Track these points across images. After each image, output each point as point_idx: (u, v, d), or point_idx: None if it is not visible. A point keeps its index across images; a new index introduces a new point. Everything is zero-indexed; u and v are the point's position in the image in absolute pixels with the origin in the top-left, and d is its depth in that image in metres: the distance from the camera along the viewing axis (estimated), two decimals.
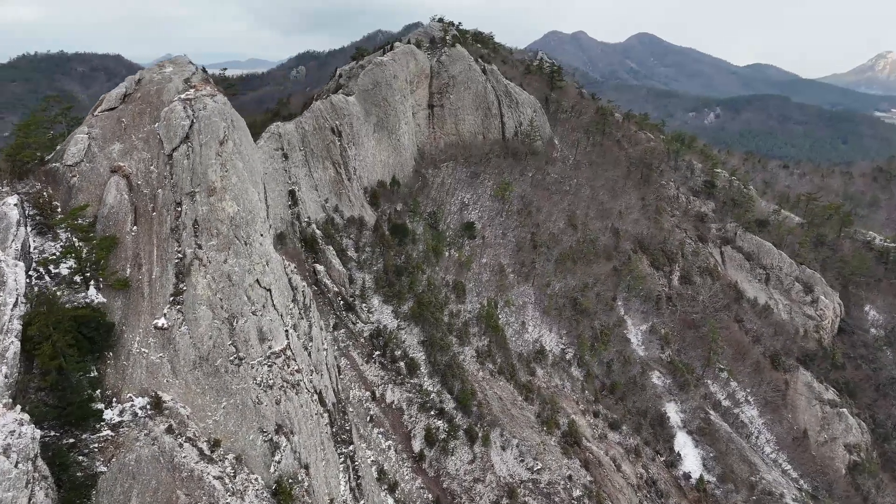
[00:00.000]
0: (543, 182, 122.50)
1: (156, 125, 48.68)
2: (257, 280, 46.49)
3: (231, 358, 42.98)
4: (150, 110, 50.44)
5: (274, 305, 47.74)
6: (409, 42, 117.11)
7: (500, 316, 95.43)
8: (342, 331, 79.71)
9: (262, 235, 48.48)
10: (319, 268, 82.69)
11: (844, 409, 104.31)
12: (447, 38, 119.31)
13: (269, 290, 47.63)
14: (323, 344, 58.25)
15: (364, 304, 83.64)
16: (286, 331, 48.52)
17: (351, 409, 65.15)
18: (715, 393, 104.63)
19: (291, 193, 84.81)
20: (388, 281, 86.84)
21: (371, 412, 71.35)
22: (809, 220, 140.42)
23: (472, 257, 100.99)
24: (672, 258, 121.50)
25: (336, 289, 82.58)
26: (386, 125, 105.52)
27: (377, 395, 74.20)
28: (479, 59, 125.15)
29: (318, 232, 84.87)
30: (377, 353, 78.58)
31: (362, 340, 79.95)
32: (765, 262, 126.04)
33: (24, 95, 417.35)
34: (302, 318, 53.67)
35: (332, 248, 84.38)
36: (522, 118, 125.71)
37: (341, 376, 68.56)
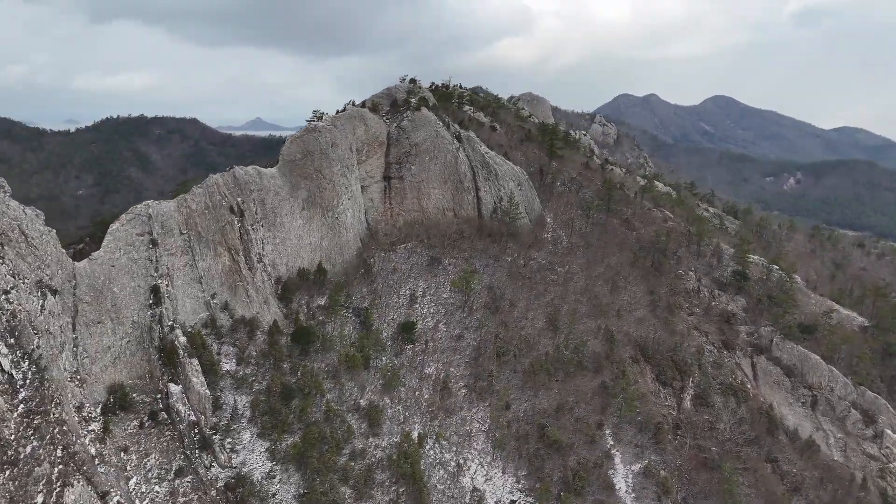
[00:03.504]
0: (524, 270, 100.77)
1: None
2: None
3: None
4: None
5: None
6: (363, 105, 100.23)
7: (428, 454, 73.03)
8: (187, 479, 59.62)
9: None
10: (174, 388, 63.71)
11: None
12: (411, 100, 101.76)
13: None
14: None
15: (228, 440, 63.63)
16: None
17: None
18: None
19: (155, 289, 66.91)
20: (271, 406, 66.74)
21: None
22: (875, 323, 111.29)
23: (399, 370, 79.62)
24: (685, 371, 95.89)
25: (193, 417, 63.12)
26: (319, 201, 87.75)
27: None
28: (455, 125, 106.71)
29: (181, 339, 66.18)
30: None
31: (213, 494, 59.46)
32: (811, 381, 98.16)
33: (102, 156, 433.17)
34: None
35: (195, 362, 65.35)
36: (503, 192, 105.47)
37: None
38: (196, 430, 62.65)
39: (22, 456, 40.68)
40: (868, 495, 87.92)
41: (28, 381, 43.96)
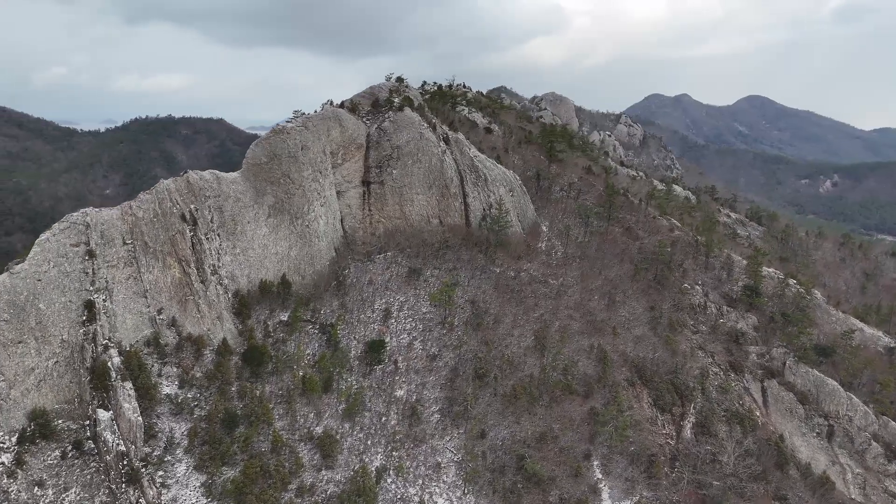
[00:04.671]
0: (513, 283, 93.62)
1: None
2: None
3: None
4: None
5: None
6: (341, 105, 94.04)
7: (389, 487, 66.50)
8: None
9: None
10: (103, 415, 58.28)
11: None
12: (394, 99, 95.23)
13: None
14: None
15: (160, 473, 57.90)
16: None
17: None
18: None
19: (89, 305, 61.60)
20: (211, 435, 60.89)
21: None
22: None
23: (365, 393, 73.23)
24: (686, 395, 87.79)
25: (122, 447, 57.55)
26: (288, 208, 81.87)
27: None
28: (443, 127, 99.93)
29: (114, 360, 60.73)
30: None
31: None
32: (827, 409, 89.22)
33: (130, 156, 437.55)
34: None
35: (128, 385, 59.87)
36: (493, 199, 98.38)
37: None
38: (125, 462, 57.07)
39: None
40: None
41: None
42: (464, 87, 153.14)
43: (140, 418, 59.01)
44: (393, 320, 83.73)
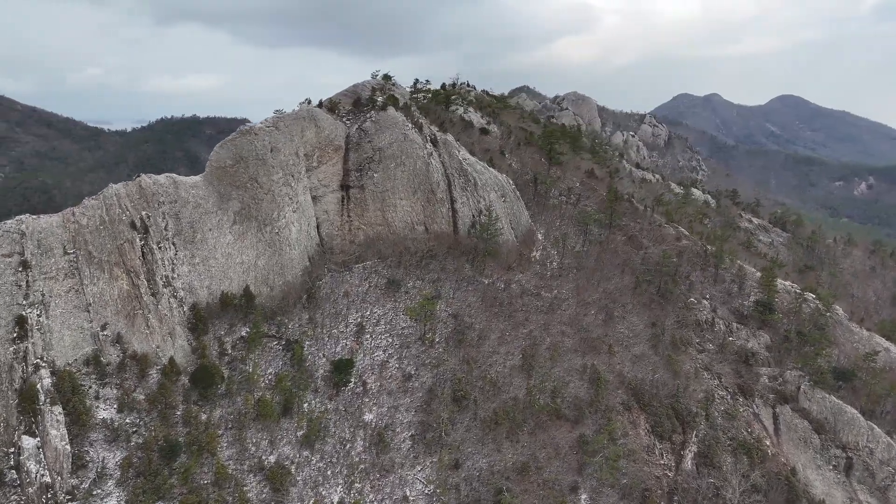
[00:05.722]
0: (502, 295, 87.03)
1: None
2: None
3: None
4: None
5: None
6: (319, 104, 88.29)
7: None
8: None
9: None
10: (28, 442, 53.54)
11: None
12: (377, 98, 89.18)
13: None
14: None
15: None
16: None
17: None
18: None
19: (20, 321, 56.78)
20: (148, 466, 55.56)
21: None
22: None
23: (328, 417, 67.34)
24: (688, 422, 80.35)
25: (47, 478, 52.59)
26: (255, 214, 76.46)
27: None
28: (432, 128, 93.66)
29: (45, 381, 55.90)
30: None
31: None
32: (845, 439, 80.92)
33: (154, 156, 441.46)
34: None
35: (57, 410, 54.95)
36: (483, 205, 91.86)
37: None
38: (49, 495, 52.13)
39: None
40: None
41: None
42: (468, 85, 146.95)
43: (68, 446, 54.05)
44: (368, 336, 77.79)
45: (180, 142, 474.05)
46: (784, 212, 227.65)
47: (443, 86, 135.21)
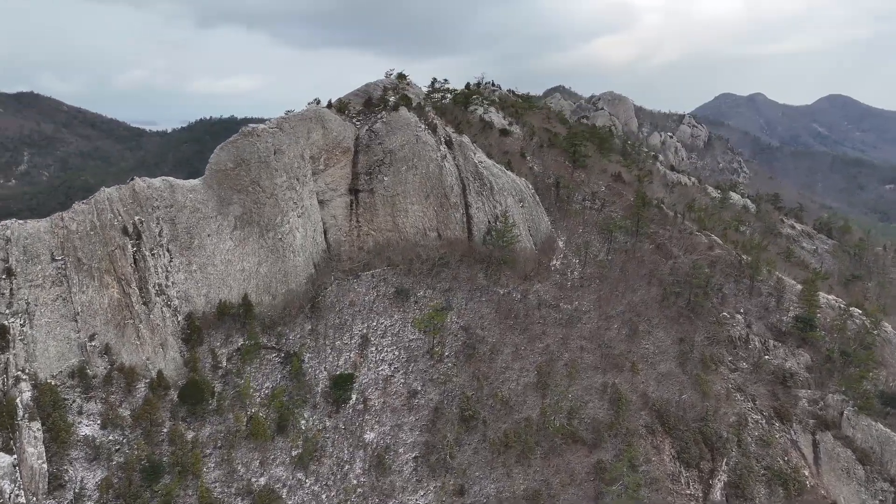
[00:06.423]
0: (518, 306, 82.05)
1: None
2: None
3: None
4: None
5: None
6: (328, 104, 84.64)
7: None
8: None
9: None
10: (4, 460, 50.95)
11: None
12: (388, 98, 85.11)
13: None
14: None
15: None
16: None
17: None
18: None
19: (2, 331, 54.42)
20: (129, 488, 52.48)
21: None
22: None
23: (326, 436, 63.46)
24: (718, 448, 74.03)
25: (22, 498, 49.93)
26: (257, 219, 73.26)
27: None
28: (447, 129, 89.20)
29: (24, 395, 53.35)
30: None
31: None
32: (894, 472, 73.39)
33: (192, 156, 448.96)
34: None
35: (36, 426, 52.36)
36: (499, 210, 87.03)
37: None
38: None
39: None
40: None
41: None
42: (492, 85, 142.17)
43: (45, 465, 51.44)
44: (372, 348, 73.80)
45: (217, 142, 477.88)
46: (830, 217, 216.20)
47: (467, 85, 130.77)
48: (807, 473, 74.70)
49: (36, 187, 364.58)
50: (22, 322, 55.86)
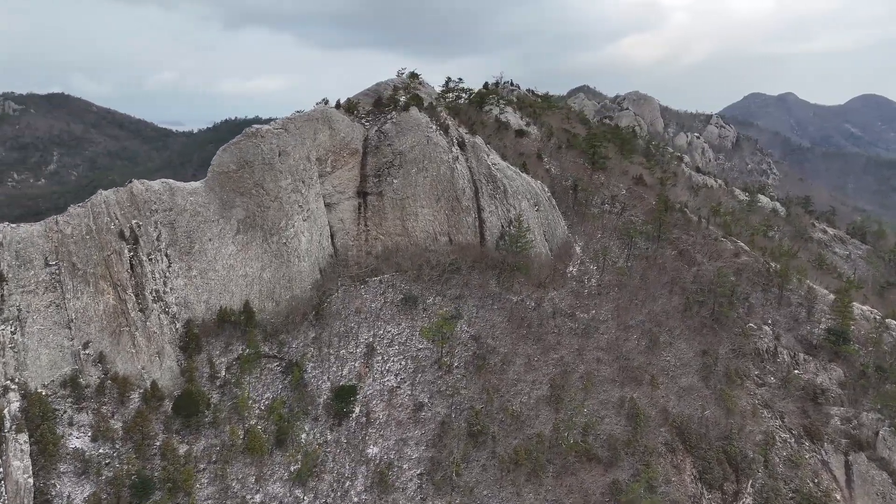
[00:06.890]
0: (532, 315, 78.64)
1: None
2: None
3: None
4: None
5: None
6: (337, 105, 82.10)
7: None
8: None
9: None
10: None
11: None
12: (399, 98, 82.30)
13: None
14: None
15: None
16: None
17: None
18: None
19: None
20: None
21: None
22: None
23: (326, 451, 60.76)
24: (743, 469, 69.82)
25: None
26: (261, 223, 70.99)
27: None
28: (460, 130, 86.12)
29: (13, 406, 51.60)
30: None
31: None
32: None
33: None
34: None
35: (23, 438, 50.48)
36: (514, 214, 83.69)
37: None
38: None
39: None
40: None
41: None
42: (511, 84, 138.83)
43: (31, 479, 49.46)
44: (378, 358, 70.97)
45: None
46: (864, 220, 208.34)
47: (485, 85, 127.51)
48: (838, 497, 70.03)
49: (64, 187, 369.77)
50: (13, 329, 54.12)
